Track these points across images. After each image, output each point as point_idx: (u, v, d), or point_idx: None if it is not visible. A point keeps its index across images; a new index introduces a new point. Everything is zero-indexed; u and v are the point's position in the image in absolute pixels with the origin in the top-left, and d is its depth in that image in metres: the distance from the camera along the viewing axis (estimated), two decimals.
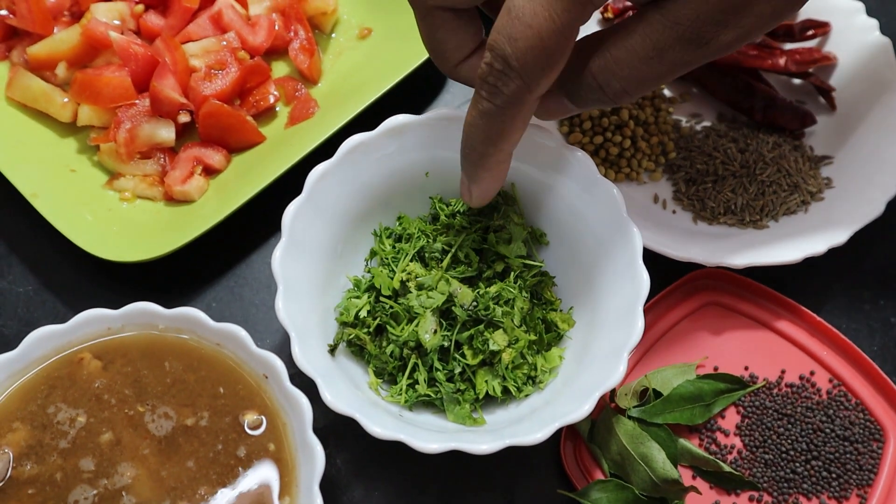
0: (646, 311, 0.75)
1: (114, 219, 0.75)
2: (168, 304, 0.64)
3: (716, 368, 0.75)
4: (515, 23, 0.53)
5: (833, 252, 0.75)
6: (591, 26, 0.86)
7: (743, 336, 0.76)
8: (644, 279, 0.65)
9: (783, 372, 0.75)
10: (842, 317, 0.79)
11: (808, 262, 0.75)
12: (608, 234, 0.68)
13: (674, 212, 0.80)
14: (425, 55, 0.81)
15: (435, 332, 0.67)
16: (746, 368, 0.75)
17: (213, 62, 0.79)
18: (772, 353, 0.76)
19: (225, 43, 0.80)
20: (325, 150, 0.74)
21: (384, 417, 0.63)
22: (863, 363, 0.75)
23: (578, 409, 0.61)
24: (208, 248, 0.77)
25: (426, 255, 0.70)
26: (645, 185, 0.82)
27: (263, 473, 0.60)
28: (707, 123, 0.85)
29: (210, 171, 0.79)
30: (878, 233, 0.80)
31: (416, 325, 0.67)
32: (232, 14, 0.81)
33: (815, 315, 0.76)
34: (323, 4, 0.84)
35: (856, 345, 0.76)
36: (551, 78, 0.56)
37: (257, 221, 0.79)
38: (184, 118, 0.78)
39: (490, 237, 0.71)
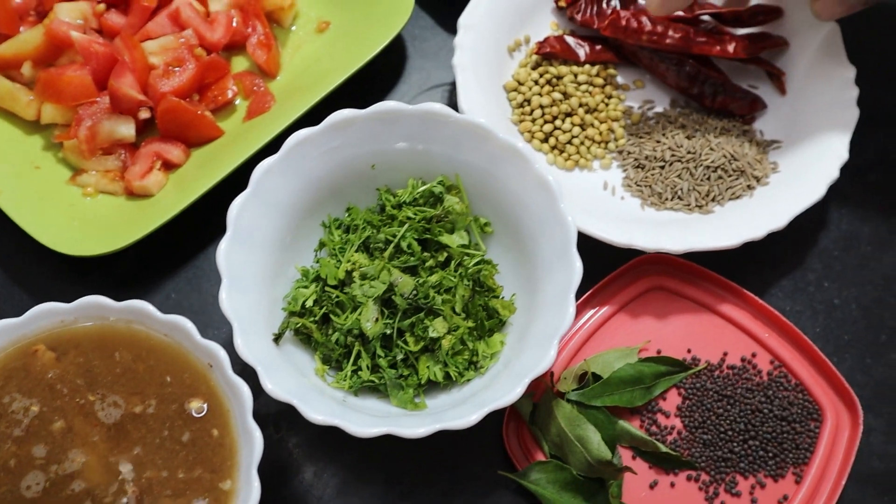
0: (591, 296, 0.77)
1: (76, 214, 0.78)
2: (130, 296, 0.67)
3: (659, 352, 0.77)
4: None
5: (780, 234, 0.76)
6: (546, 14, 0.88)
7: (687, 319, 0.78)
8: (577, 267, 0.67)
9: (725, 354, 0.77)
10: (786, 299, 0.80)
11: (756, 245, 0.76)
12: (545, 222, 0.70)
13: (622, 198, 0.82)
14: (380, 47, 0.83)
15: (377, 320, 0.70)
16: (689, 351, 0.77)
17: (171, 59, 0.81)
18: (715, 335, 0.78)
19: (183, 40, 0.82)
20: (282, 142, 0.75)
21: (325, 403, 0.66)
22: (803, 345, 0.76)
23: (508, 394, 0.64)
24: (169, 240, 0.80)
25: (371, 245, 0.73)
26: (595, 172, 0.83)
27: (207, 458, 0.63)
28: (659, 110, 0.86)
29: (170, 166, 0.81)
30: (825, 215, 0.82)
31: (359, 314, 0.70)
32: (190, 12, 0.83)
33: (757, 298, 0.78)
34: (280, 0, 0.86)
35: (799, 326, 0.78)
36: None
37: (216, 214, 0.81)
38: (144, 114, 0.81)
39: (433, 227, 0.73)
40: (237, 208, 0.69)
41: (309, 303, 0.72)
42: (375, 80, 0.88)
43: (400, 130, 0.73)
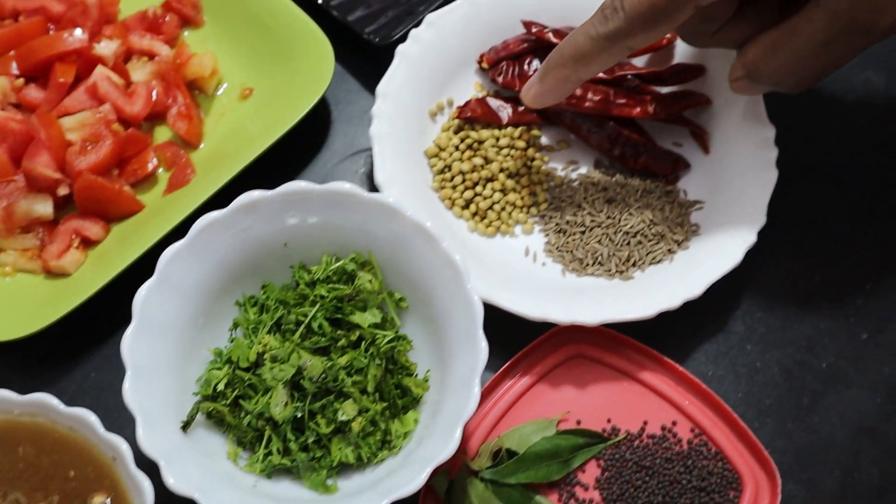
0: (510, 366, 0.77)
1: None
2: (47, 377, 0.67)
3: (578, 422, 0.77)
4: None
5: (703, 296, 0.76)
6: (470, 74, 0.88)
7: (607, 388, 0.78)
8: (482, 350, 0.67)
9: (645, 423, 0.77)
10: (709, 363, 0.80)
11: (678, 308, 0.76)
12: (454, 301, 0.70)
13: (543, 264, 0.82)
14: (301, 114, 0.83)
15: (286, 404, 0.70)
16: (609, 421, 0.77)
17: (88, 135, 0.81)
18: (635, 404, 0.78)
19: (100, 115, 0.82)
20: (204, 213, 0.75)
21: (232, 493, 0.66)
22: (723, 411, 0.76)
23: (409, 483, 0.64)
24: (89, 317, 0.79)
25: (283, 326, 0.73)
26: (517, 238, 0.83)
27: None
28: (583, 171, 0.86)
29: (89, 242, 0.81)
30: (749, 275, 0.81)
31: (269, 398, 0.70)
32: (108, 86, 0.83)
33: (677, 365, 0.77)
34: (200, 69, 0.86)
35: (722, 391, 0.78)
36: (650, 35, 0.66)
37: (137, 288, 0.81)
38: (63, 191, 0.81)
39: (345, 307, 0.73)
40: (143, 296, 0.69)
41: (221, 386, 0.72)
42: (299, 146, 0.88)
43: (310, 209, 0.73)
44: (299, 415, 0.70)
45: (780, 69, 0.68)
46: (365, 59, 0.92)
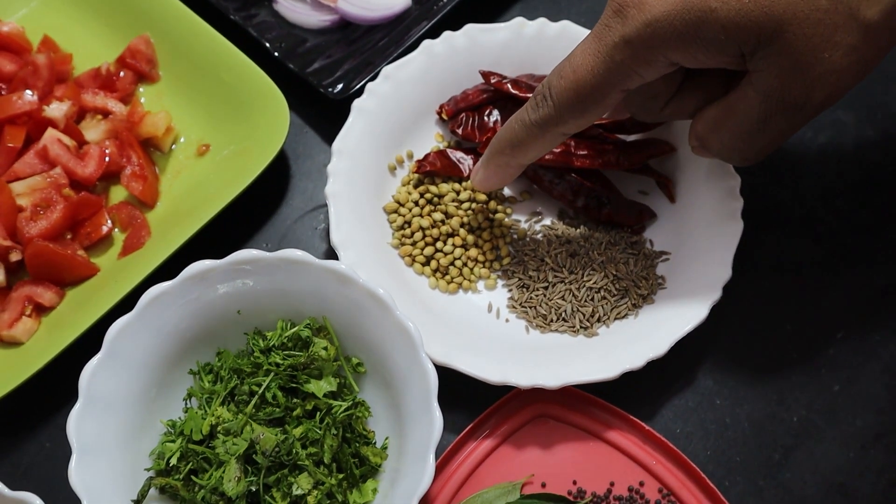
0: (473, 428, 0.76)
1: None
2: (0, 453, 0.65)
3: (544, 485, 0.75)
4: (566, 64, 0.65)
5: (669, 351, 0.74)
6: (430, 125, 0.86)
7: (572, 448, 0.76)
8: (437, 421, 0.65)
9: (612, 484, 0.75)
10: (677, 420, 0.78)
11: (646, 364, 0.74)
12: (409, 369, 0.69)
13: (507, 320, 0.80)
14: (258, 171, 0.81)
15: (239, 479, 0.68)
16: (575, 483, 0.75)
17: (38, 200, 0.80)
18: (601, 464, 0.76)
19: (51, 180, 0.80)
20: (164, 274, 0.73)
21: None
22: (692, 471, 0.74)
23: None
24: (42, 387, 0.78)
25: (237, 397, 0.71)
26: (480, 294, 0.82)
27: None
28: (547, 222, 0.84)
29: (42, 309, 0.80)
30: (717, 327, 0.79)
31: (222, 472, 0.68)
32: (58, 149, 0.81)
33: (643, 424, 0.76)
34: (154, 128, 0.84)
35: (690, 449, 0.77)
36: (581, 121, 0.67)
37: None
38: (15, 257, 0.79)
39: (299, 375, 0.71)
40: (89, 374, 0.67)
41: (174, 460, 0.70)
42: (258, 202, 0.86)
43: (262, 276, 0.72)
44: (253, 489, 0.68)
45: (724, 145, 0.67)
46: (324, 110, 0.90)
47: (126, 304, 0.74)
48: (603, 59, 0.63)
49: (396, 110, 0.84)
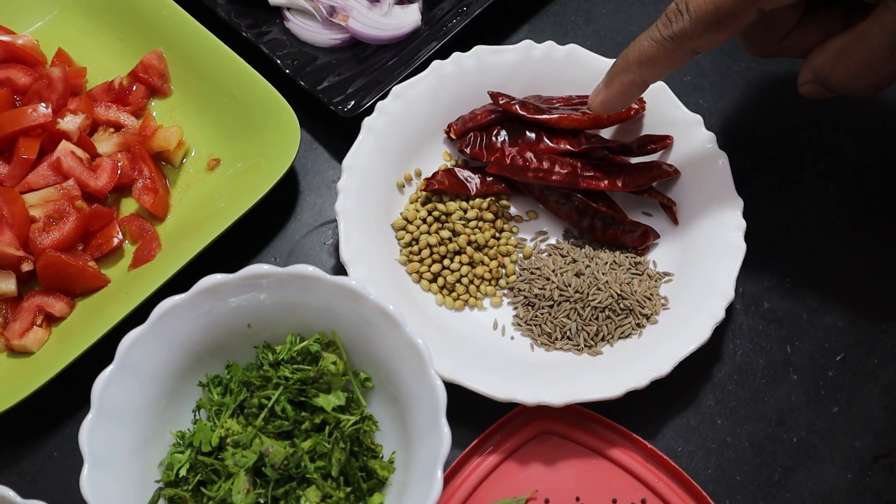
0: (477, 444, 0.77)
1: None
2: (9, 459, 0.70)
3: (546, 501, 0.76)
4: None
5: (672, 371, 0.75)
6: (438, 144, 0.87)
7: (576, 465, 0.77)
8: (445, 437, 0.66)
9: (614, 501, 0.76)
10: (679, 439, 0.79)
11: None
12: (417, 385, 0.70)
13: (512, 338, 0.81)
14: (269, 186, 0.82)
15: (248, 491, 0.69)
16: (578, 499, 0.76)
17: (51, 212, 0.80)
18: (604, 481, 0.77)
19: (63, 192, 0.81)
20: (173, 287, 0.74)
21: None
22: (693, 489, 0.75)
23: None
24: (51, 396, 0.78)
25: (246, 409, 0.72)
26: (486, 311, 0.83)
27: None
28: (552, 241, 0.85)
29: (53, 319, 0.80)
30: (719, 347, 0.81)
31: (231, 484, 0.69)
32: (71, 161, 0.82)
33: (646, 442, 0.77)
34: (166, 143, 0.85)
35: (691, 468, 0.78)
36: (714, 37, 0.67)
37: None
38: (27, 267, 0.80)
39: (308, 389, 0.72)
40: (101, 385, 0.68)
41: (183, 471, 0.71)
42: (267, 217, 0.87)
43: (272, 291, 0.73)
44: (262, 501, 0.69)
45: (849, 74, 0.68)
46: (334, 126, 0.91)
47: (135, 316, 0.75)
48: None
49: (406, 129, 0.86)
